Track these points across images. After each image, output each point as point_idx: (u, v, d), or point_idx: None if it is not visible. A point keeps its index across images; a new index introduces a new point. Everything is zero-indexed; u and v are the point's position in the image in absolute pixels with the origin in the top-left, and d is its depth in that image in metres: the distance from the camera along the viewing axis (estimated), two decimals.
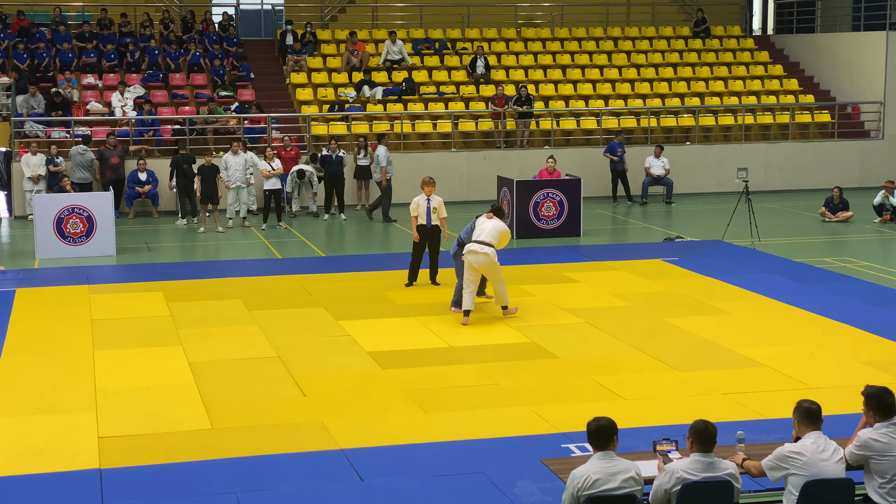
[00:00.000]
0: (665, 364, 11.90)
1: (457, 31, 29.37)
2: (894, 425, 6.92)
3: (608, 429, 6.62)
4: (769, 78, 28.96)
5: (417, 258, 15.92)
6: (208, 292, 15.74)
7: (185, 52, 26.89)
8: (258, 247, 19.96)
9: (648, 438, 7.89)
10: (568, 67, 28.39)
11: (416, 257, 15.92)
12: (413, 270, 15.97)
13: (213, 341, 13.01)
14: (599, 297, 15.16)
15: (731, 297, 15.05)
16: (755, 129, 27.65)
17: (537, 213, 20.14)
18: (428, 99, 26.60)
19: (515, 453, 9.21)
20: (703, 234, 20.30)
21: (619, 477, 6.54)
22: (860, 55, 28.32)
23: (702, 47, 29.89)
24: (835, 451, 6.81)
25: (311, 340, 13.03)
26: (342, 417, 10.22)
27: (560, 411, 10.27)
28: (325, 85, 26.79)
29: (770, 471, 6.89)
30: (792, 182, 26.76)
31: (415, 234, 15.71)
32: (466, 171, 24.98)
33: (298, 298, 15.32)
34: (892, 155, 27.34)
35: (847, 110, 28.35)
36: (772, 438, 8.26)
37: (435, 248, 15.92)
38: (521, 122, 25.92)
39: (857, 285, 15.81)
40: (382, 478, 8.74)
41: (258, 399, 10.83)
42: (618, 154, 24.63)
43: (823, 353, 12.30)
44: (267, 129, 24.73)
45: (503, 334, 13.29)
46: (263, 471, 8.88)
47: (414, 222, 15.73)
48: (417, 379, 11.44)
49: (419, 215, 15.68)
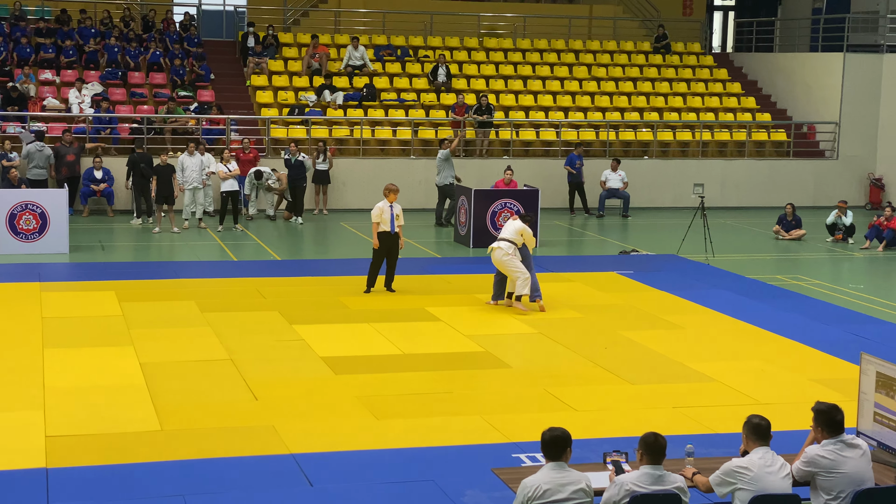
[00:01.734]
0: (617, 376, 11.96)
1: (419, 39, 29.40)
2: (842, 442, 6.99)
3: (563, 439, 6.64)
4: (727, 95, 29.25)
5: (377, 265, 15.90)
6: (161, 293, 15.63)
7: (144, 51, 26.71)
8: (213, 248, 19.84)
9: (599, 450, 7.93)
10: (529, 78, 28.51)
11: (376, 264, 15.89)
12: (372, 277, 15.95)
13: (165, 342, 12.91)
14: (554, 309, 15.21)
15: (684, 312, 15.16)
16: (712, 145, 27.91)
17: (494, 222, 20.18)
18: (388, 106, 26.60)
19: (466, 462, 9.21)
20: (658, 248, 20.43)
21: (570, 488, 6.55)
22: (817, 76, 28.67)
23: (662, 63, 30.13)
24: (782, 466, 6.88)
25: (264, 344, 12.96)
26: (293, 422, 10.17)
27: (512, 421, 10.29)
28: (286, 88, 26.71)
29: (718, 486, 6.93)
30: (747, 199, 27.02)
31: (375, 241, 15.68)
32: (425, 178, 24.99)
33: (253, 301, 15.24)
34: (846, 175, 27.70)
35: (803, 130, 28.68)
36: (721, 453, 8.31)
37: (394, 255, 15.91)
38: (480, 132, 25.98)
39: (808, 303, 15.98)
40: (332, 483, 8.71)
41: (209, 401, 10.76)
42: (576, 166, 24.76)
43: (773, 369, 12.42)
44: (226, 131, 24.60)
45: (457, 343, 13.29)
46: (212, 474, 8.82)
47: (375, 228, 15.69)
48: (370, 385, 11.41)
49: (382, 222, 15.65)
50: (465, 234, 20.57)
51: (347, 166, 24.82)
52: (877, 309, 15.78)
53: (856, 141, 27.80)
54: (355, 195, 24.73)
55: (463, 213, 20.67)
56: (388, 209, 15.65)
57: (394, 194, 15.74)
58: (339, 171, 24.50)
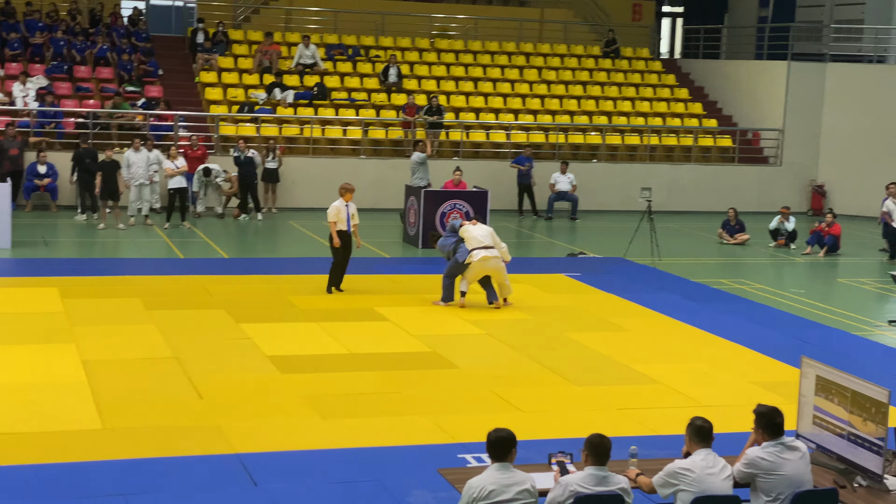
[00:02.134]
0: (563, 378, 12.03)
1: (371, 39, 29.36)
2: (782, 444, 7.08)
3: (508, 440, 6.67)
4: (675, 101, 29.52)
5: (341, 264, 15.81)
6: (106, 290, 15.47)
7: (91, 45, 26.42)
8: (160, 246, 19.68)
9: (544, 451, 7.97)
10: (480, 80, 28.57)
11: (340, 263, 15.81)
12: (336, 276, 15.85)
13: (109, 340, 12.78)
14: (502, 310, 15.26)
15: (630, 314, 15.28)
16: (660, 150, 28.15)
17: (443, 223, 20.20)
18: (339, 105, 26.53)
19: (412, 462, 9.22)
20: (605, 251, 20.58)
21: (514, 489, 6.59)
22: (762, 83, 29.02)
23: (611, 67, 30.34)
24: (723, 468, 6.96)
25: (210, 342, 12.88)
26: (239, 421, 10.12)
27: (458, 421, 10.31)
28: (236, 85, 26.55)
29: (660, 487, 7.00)
30: (693, 203, 27.29)
31: (336, 240, 15.60)
32: (375, 178, 24.96)
33: (199, 299, 15.14)
34: (789, 181, 28.06)
35: (748, 136, 29.03)
36: (664, 454, 8.39)
37: (348, 254, 15.85)
38: (430, 132, 25.99)
39: (750, 307, 16.18)
40: (277, 483, 8.68)
41: (153, 400, 10.66)
42: (524, 167, 24.86)
43: (716, 372, 12.56)
44: (174, 127, 24.40)
45: (405, 343, 13.30)
46: (155, 473, 8.75)
47: (333, 228, 15.63)
48: (317, 385, 11.38)
49: (339, 221, 15.62)
50: (413, 234, 20.57)
51: (297, 165, 24.72)
52: (817, 313, 16.01)
53: (799, 148, 28.18)
54: (305, 194, 24.63)
55: (412, 213, 20.67)
56: (345, 208, 15.61)
57: (350, 193, 15.74)
58: (288, 169, 24.40)
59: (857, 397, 7.37)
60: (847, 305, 16.83)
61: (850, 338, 14.52)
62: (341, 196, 15.74)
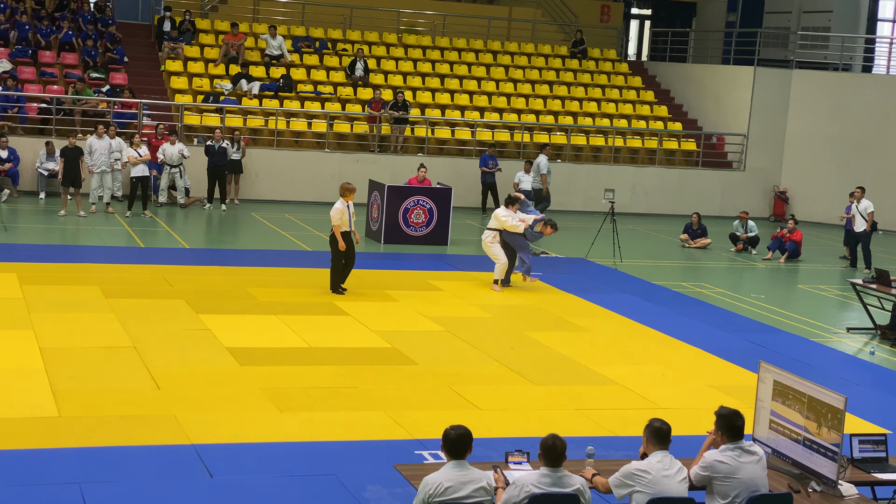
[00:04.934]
0: (522, 377, 12.06)
1: (338, 32, 29.27)
2: (740, 448, 7.13)
3: (465, 438, 6.67)
4: (640, 103, 29.65)
5: (344, 266, 15.56)
6: (65, 277, 15.33)
7: (57, 30, 26.15)
8: (120, 234, 19.52)
9: (501, 449, 7.98)
10: (446, 77, 28.57)
11: (342, 266, 15.53)
12: (338, 277, 15.58)
13: (67, 327, 12.67)
14: (462, 307, 15.28)
15: (590, 315, 15.34)
16: (624, 151, 28.27)
17: (406, 219, 20.19)
18: (305, 97, 26.43)
19: (369, 457, 9.21)
20: (567, 251, 20.63)
21: (470, 486, 6.59)
22: (728, 88, 29.22)
23: (578, 68, 30.42)
24: (679, 470, 6.99)
25: (168, 332, 12.80)
26: (196, 412, 10.07)
27: (416, 418, 10.31)
28: (201, 75, 26.38)
29: (616, 488, 7.02)
30: (656, 206, 27.43)
31: (342, 243, 15.27)
32: (339, 172, 24.88)
33: (159, 289, 15.04)
34: (752, 186, 28.27)
35: (712, 140, 29.21)
36: (620, 455, 8.44)
37: (353, 253, 15.65)
38: (396, 128, 25.96)
39: (709, 310, 16.29)
40: (232, 475, 8.64)
41: (110, 389, 10.59)
42: (489, 166, 24.89)
43: (674, 374, 12.63)
44: (138, 115, 24.21)
45: (364, 338, 13.28)
46: (110, 462, 8.68)
47: (338, 231, 15.27)
48: (275, 377, 11.34)
49: (343, 223, 15.37)
50: (377, 229, 20.54)
51: (261, 157, 24.61)
52: (776, 319, 16.14)
53: (763, 154, 28.40)
54: (267, 186, 24.54)
55: (375, 208, 20.64)
56: (347, 209, 15.42)
57: (351, 194, 15.45)
58: (252, 161, 24.29)
59: (813, 403, 7.43)
60: (806, 312, 16.98)
61: (809, 344, 14.65)
62: (342, 196, 15.40)
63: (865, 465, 7.85)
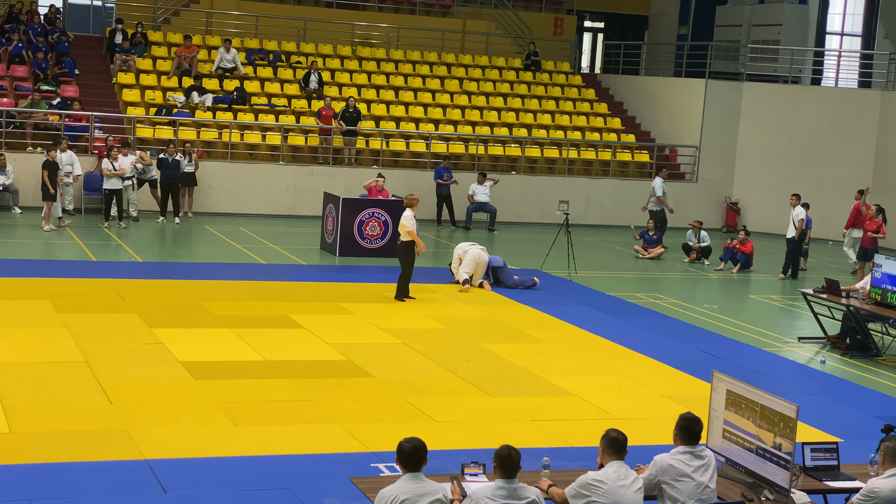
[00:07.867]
0: (478, 388, 12.07)
1: (292, 45, 29.20)
2: (690, 453, 7.21)
3: (419, 450, 6.66)
4: (594, 115, 29.83)
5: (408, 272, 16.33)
6: (15, 291, 15.14)
7: (6, 42, 25.88)
8: (72, 248, 19.33)
9: (458, 461, 7.98)
10: (401, 89, 28.58)
11: (411, 271, 16.36)
12: (406, 284, 16.38)
13: (17, 342, 12.52)
14: (417, 319, 15.27)
15: (545, 326, 15.39)
16: (578, 163, 28.42)
17: (362, 231, 20.16)
18: (259, 110, 26.34)
19: (324, 471, 9.17)
20: (522, 262, 20.67)
21: (426, 498, 6.58)
22: (680, 100, 29.48)
23: (532, 80, 30.56)
24: (634, 480, 7.03)
25: (121, 346, 12.68)
26: (149, 427, 9.97)
27: (371, 430, 10.28)
28: (154, 87, 26.21)
29: (573, 498, 7.04)
30: (610, 218, 27.58)
31: (421, 245, 16.39)
32: (293, 185, 24.83)
33: (111, 303, 14.90)
34: (704, 197, 28.51)
35: (665, 152, 29.44)
36: (576, 466, 8.46)
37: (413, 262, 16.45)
38: (347, 140, 25.92)
39: (664, 321, 16.39)
40: (187, 490, 8.57)
41: (61, 404, 10.47)
42: (444, 178, 24.93)
43: (629, 385, 12.69)
44: (90, 128, 24.01)
45: (319, 351, 13.23)
46: (62, 479, 8.58)
47: (415, 236, 16.19)
48: (229, 391, 11.27)
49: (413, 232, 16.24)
50: (331, 242, 20.48)
51: (214, 169, 24.48)
52: (729, 329, 16.28)
53: (714, 165, 28.66)
54: (221, 199, 24.42)
55: (330, 221, 20.59)
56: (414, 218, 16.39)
57: (417, 204, 16.55)
58: (205, 173, 24.15)
59: (766, 412, 7.50)
60: (758, 321, 17.14)
61: (761, 353, 14.78)
62: (410, 207, 16.34)
63: (817, 474, 7.93)
